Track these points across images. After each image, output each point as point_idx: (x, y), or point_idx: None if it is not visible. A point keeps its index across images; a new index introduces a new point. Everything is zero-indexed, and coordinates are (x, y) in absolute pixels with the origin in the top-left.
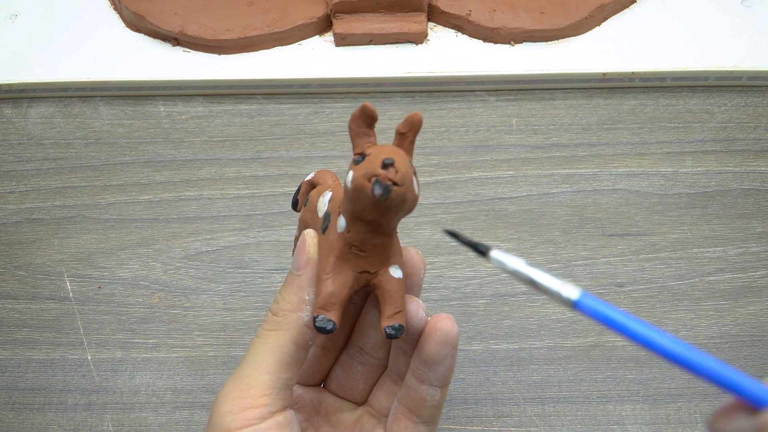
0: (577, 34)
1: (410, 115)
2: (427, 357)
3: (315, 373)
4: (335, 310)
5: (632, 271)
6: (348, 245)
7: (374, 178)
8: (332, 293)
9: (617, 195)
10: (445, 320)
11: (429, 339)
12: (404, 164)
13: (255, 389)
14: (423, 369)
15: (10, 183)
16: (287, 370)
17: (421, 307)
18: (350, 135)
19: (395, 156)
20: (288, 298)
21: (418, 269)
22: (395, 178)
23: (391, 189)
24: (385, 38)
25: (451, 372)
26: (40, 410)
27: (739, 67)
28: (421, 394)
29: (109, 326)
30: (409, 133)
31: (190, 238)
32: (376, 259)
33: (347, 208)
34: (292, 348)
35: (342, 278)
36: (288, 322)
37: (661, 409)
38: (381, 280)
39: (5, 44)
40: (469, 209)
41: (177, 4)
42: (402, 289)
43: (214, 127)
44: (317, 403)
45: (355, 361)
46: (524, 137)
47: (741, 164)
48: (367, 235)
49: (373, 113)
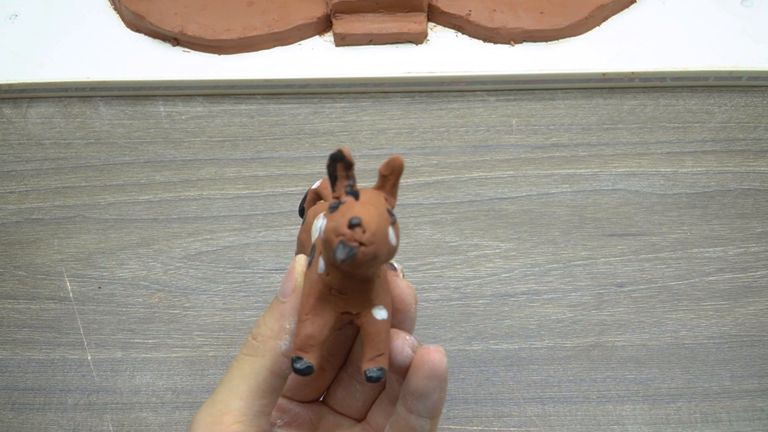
0: (577, 34)
1: (391, 158)
2: (414, 390)
3: (312, 391)
4: (313, 352)
5: (632, 271)
6: (327, 287)
7: (339, 238)
8: (311, 335)
9: (617, 195)
10: (433, 353)
11: (416, 372)
12: (375, 219)
13: (228, 416)
14: (411, 400)
15: (10, 183)
16: (262, 398)
17: (407, 344)
18: (328, 177)
19: (365, 210)
20: (269, 324)
21: (408, 305)
22: (362, 239)
23: (355, 251)
24: (385, 38)
25: (441, 404)
26: (40, 410)
27: (739, 67)
28: (410, 424)
29: (109, 326)
30: (391, 176)
31: (190, 238)
32: (358, 301)
33: (324, 253)
34: (268, 376)
35: (322, 320)
36: (266, 348)
37: (661, 409)
38: (363, 322)
39: (5, 44)
40: (469, 209)
41: (177, 4)
42: (386, 330)
43: (214, 127)
44: (316, 420)
45: (354, 380)
46: (524, 137)
47: (741, 164)
48: (345, 281)
49: (349, 159)
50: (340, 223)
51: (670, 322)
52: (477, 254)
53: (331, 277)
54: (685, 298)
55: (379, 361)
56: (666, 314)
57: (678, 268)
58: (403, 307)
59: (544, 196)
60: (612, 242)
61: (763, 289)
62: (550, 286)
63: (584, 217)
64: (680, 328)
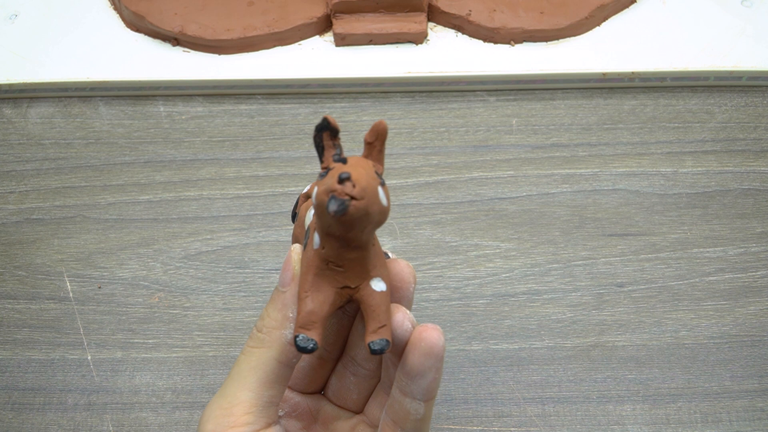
0: (577, 34)
1: (375, 123)
2: (410, 368)
3: (312, 381)
4: (316, 328)
5: (632, 271)
6: (324, 261)
7: (330, 194)
8: (312, 311)
9: (617, 195)
10: (431, 331)
11: (413, 350)
12: (364, 177)
13: (238, 407)
14: (406, 381)
15: (10, 183)
16: (271, 388)
17: (407, 317)
18: (315, 149)
19: (353, 169)
20: (272, 315)
21: (407, 283)
22: (353, 192)
23: (347, 204)
24: (385, 38)
25: (436, 385)
26: (40, 410)
27: (739, 67)
28: (404, 407)
29: (109, 326)
30: (376, 142)
31: (190, 238)
32: (355, 273)
33: (317, 224)
34: (276, 366)
35: (322, 295)
36: (272, 339)
37: (661, 409)
38: (363, 295)
39: (5, 44)
40: (469, 209)
41: (177, 4)
42: (386, 302)
43: (214, 127)
44: (315, 410)
45: (348, 371)
46: (524, 137)
47: (741, 164)
48: (341, 251)
49: (335, 126)
50: (332, 180)
51: (670, 322)
52: (477, 254)
53: (327, 250)
54: (685, 298)
55: (381, 333)
56: (666, 314)
57: (678, 268)
58: (402, 285)
59: (544, 196)
60: (612, 242)
61: (763, 289)
62: (550, 286)
63: (584, 217)
64: (680, 328)
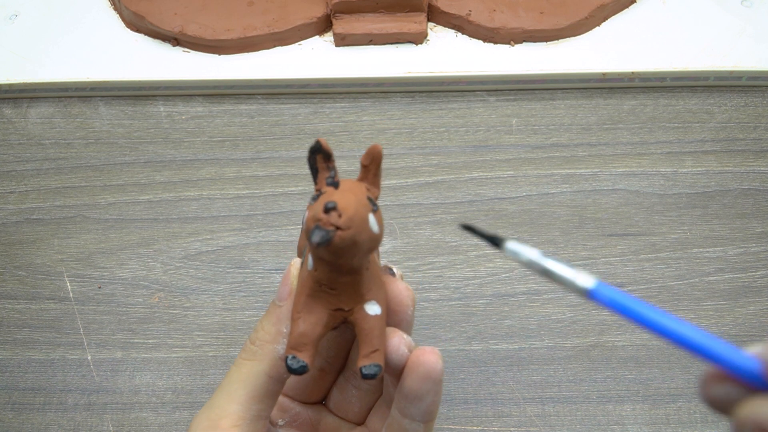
0: (577, 34)
1: (371, 147)
2: (408, 392)
3: (314, 392)
4: (307, 350)
5: (632, 271)
6: (318, 283)
7: (315, 222)
8: (303, 333)
9: (617, 195)
10: (428, 354)
11: (411, 373)
12: (353, 205)
13: (225, 420)
14: (405, 403)
15: (10, 183)
16: (260, 402)
17: (403, 341)
18: (309, 170)
19: (342, 196)
20: (266, 328)
21: (405, 306)
22: (338, 223)
23: (331, 235)
24: (385, 38)
25: (436, 408)
26: (40, 410)
27: (739, 67)
28: (404, 427)
29: (109, 326)
30: (371, 165)
31: (190, 238)
32: (348, 296)
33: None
34: (266, 380)
35: (314, 317)
36: (264, 353)
37: (661, 409)
38: (356, 318)
39: (5, 44)
40: (469, 209)
41: (177, 4)
42: (380, 326)
43: (214, 127)
44: (316, 421)
45: (350, 384)
46: (524, 137)
47: (741, 164)
48: (332, 274)
49: (327, 149)
50: (317, 210)
51: None
52: (477, 254)
53: (319, 272)
54: (685, 298)
55: (374, 357)
56: None
57: (678, 268)
58: (400, 309)
59: (544, 196)
60: (612, 242)
61: (763, 289)
62: (550, 286)
63: (584, 217)
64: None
